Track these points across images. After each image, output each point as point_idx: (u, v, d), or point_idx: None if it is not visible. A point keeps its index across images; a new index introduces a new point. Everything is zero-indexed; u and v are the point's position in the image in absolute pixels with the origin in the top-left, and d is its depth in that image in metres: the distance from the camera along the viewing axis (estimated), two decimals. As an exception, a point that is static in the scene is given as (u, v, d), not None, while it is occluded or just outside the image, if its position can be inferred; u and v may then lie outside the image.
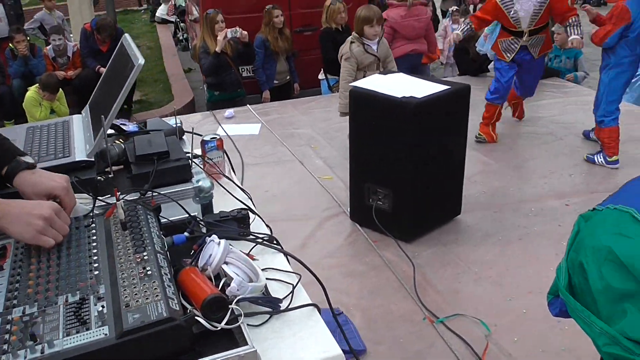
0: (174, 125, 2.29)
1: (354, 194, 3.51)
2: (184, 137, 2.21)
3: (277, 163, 4.48)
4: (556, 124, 5.15)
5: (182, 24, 12.03)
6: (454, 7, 9.50)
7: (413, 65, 5.44)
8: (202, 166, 2.01)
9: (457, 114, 3.37)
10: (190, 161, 1.88)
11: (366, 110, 3.28)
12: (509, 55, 4.58)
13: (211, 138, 2.22)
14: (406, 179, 3.24)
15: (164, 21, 13.53)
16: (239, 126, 5.13)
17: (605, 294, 1.87)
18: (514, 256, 3.29)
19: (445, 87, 3.31)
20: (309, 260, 3.54)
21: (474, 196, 3.89)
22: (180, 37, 12.05)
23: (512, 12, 4.31)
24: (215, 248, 1.53)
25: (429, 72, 8.40)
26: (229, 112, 5.40)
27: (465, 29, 4.65)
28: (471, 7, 10.39)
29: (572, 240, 2.14)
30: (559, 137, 4.87)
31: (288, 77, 6.88)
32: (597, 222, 2.06)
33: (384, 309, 2.89)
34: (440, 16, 10.78)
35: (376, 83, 3.36)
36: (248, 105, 5.72)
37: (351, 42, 4.43)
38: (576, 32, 4.37)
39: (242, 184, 4.30)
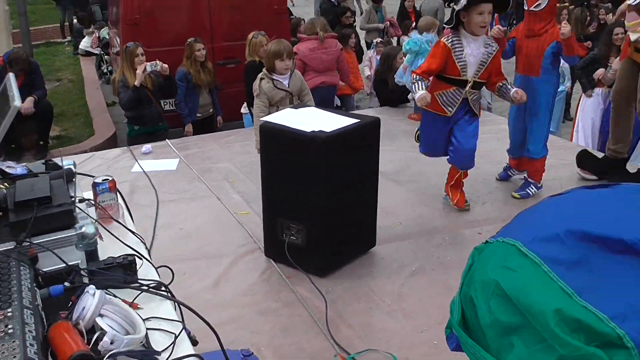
0: (67, 167, 2.20)
1: (268, 230, 3.48)
2: (74, 179, 2.12)
3: (193, 199, 4.40)
4: (471, 153, 5.28)
5: (106, 57, 11.84)
6: (378, 39, 9.74)
7: (323, 98, 5.48)
8: (88, 210, 1.94)
9: (367, 147, 3.41)
10: (74, 206, 1.81)
11: (276, 145, 3.28)
12: (450, 109, 4.01)
13: (103, 180, 2.15)
14: (318, 213, 3.23)
15: (88, 53, 13.26)
16: (156, 162, 5.04)
17: (494, 328, 1.89)
18: (427, 287, 3.32)
19: (355, 120, 3.35)
20: (222, 299, 3.49)
21: (389, 227, 3.92)
22: (105, 70, 11.85)
23: (462, 56, 3.90)
24: (89, 300, 1.46)
25: (353, 102, 8.53)
26: (146, 147, 5.30)
27: (422, 86, 3.93)
28: (394, 39, 10.66)
29: (466, 273, 2.17)
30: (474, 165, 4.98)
31: (211, 110, 6.84)
32: (487, 255, 2.09)
33: (296, 347, 2.84)
34: (364, 47, 11.00)
35: (287, 117, 3.36)
36: (167, 140, 5.63)
37: (261, 79, 4.44)
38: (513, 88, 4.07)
39: (156, 222, 4.22)
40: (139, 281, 1.74)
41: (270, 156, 3.34)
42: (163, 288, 1.76)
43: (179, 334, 1.53)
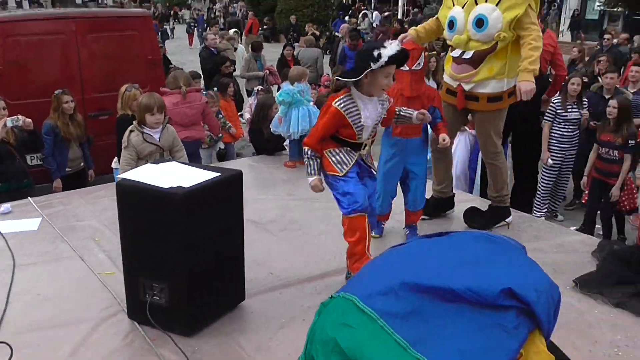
0: None
1: (130, 290, 3.33)
2: None
3: (54, 260, 4.14)
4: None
5: (-28, 109, 11.14)
6: (259, 87, 9.85)
7: (189, 153, 5.33)
8: None
9: (230, 201, 3.37)
10: None
11: (134, 203, 3.17)
12: (343, 167, 3.62)
13: None
14: (180, 271, 3.14)
15: (-47, 106, 12.46)
16: (15, 222, 4.72)
17: (334, 387, 1.88)
18: (297, 339, 3.26)
19: (216, 174, 3.31)
20: (78, 371, 3.23)
21: (260, 279, 3.87)
22: (-29, 123, 11.11)
23: (359, 121, 3.54)
24: None
25: (233, 150, 8.53)
26: (4, 207, 4.97)
27: (314, 167, 3.67)
28: (274, 87, 10.82)
29: (311, 330, 2.16)
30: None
31: (82, 164, 6.59)
32: (329, 311, 2.10)
33: (157, 414, 2.71)
34: (245, 95, 11.09)
35: (145, 174, 3.27)
36: (29, 198, 5.32)
37: (130, 131, 4.35)
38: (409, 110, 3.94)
39: (10, 289, 3.94)
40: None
41: (128, 214, 3.21)
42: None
43: None
